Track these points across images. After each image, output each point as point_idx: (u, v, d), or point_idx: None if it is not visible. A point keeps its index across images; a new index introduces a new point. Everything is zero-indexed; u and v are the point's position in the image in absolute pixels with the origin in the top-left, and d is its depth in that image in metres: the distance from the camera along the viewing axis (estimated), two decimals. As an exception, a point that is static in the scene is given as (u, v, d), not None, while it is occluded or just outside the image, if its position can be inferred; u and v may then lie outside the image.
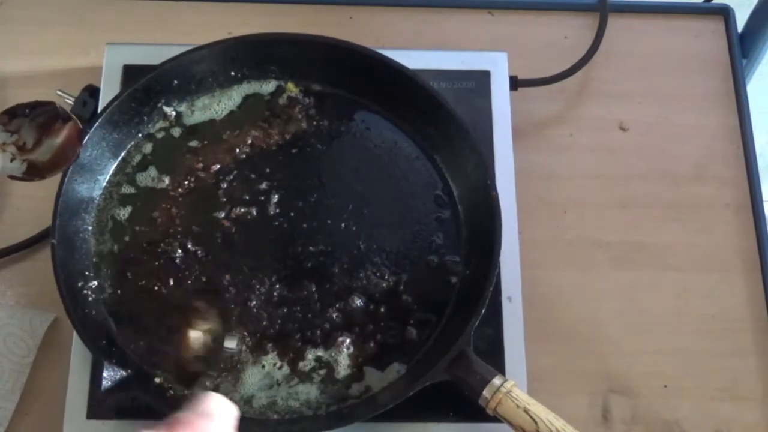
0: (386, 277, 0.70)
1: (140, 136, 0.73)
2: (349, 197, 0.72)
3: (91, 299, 0.67)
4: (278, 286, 0.69)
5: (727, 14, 0.85)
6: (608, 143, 0.79)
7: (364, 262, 0.70)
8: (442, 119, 0.71)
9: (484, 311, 0.64)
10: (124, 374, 0.64)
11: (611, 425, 0.69)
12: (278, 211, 0.71)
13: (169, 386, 0.65)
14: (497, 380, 0.61)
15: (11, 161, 0.61)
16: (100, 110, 0.70)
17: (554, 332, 0.72)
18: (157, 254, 0.69)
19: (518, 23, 0.84)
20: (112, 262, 0.69)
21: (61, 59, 0.80)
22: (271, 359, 0.67)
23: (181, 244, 0.70)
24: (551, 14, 0.85)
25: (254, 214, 0.71)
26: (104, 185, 0.71)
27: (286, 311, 0.68)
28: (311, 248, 0.70)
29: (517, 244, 0.71)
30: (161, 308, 0.68)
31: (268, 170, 0.73)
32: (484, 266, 0.66)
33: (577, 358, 0.71)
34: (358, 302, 0.68)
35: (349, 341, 0.67)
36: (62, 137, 0.62)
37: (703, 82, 0.82)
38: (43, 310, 0.70)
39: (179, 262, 0.69)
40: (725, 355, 0.72)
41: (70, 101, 0.76)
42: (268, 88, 0.76)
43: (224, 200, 0.71)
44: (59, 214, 0.66)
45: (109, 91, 0.74)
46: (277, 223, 0.71)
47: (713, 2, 0.86)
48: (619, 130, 0.80)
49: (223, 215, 0.71)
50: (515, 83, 0.78)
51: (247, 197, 0.72)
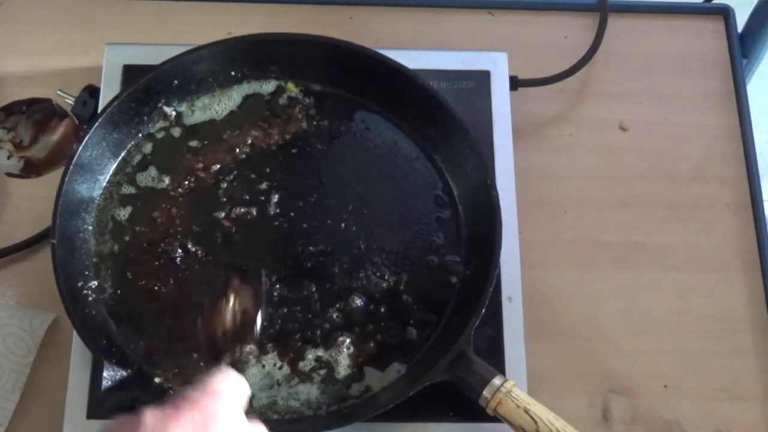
0: (386, 277, 0.69)
1: (140, 136, 0.73)
2: (349, 197, 0.72)
3: (91, 299, 0.67)
4: (278, 286, 0.69)
5: (727, 14, 0.85)
6: (608, 143, 0.79)
7: (364, 262, 0.70)
8: (442, 119, 0.71)
9: (484, 311, 0.64)
10: (124, 374, 0.64)
11: (611, 425, 0.69)
12: (278, 211, 0.71)
13: (169, 386, 0.65)
14: (497, 380, 0.61)
15: (8, 158, 0.61)
16: (100, 110, 0.70)
17: (554, 332, 0.72)
18: (157, 254, 0.69)
19: (518, 23, 0.84)
20: (112, 262, 0.69)
21: (61, 59, 0.80)
22: (271, 359, 0.67)
23: (181, 244, 0.70)
24: (551, 14, 0.85)
25: (254, 214, 0.71)
26: (104, 185, 0.71)
27: (286, 311, 0.68)
28: (311, 248, 0.70)
29: (517, 244, 0.71)
30: (161, 308, 0.68)
31: (268, 170, 0.73)
32: (484, 266, 0.66)
33: (577, 358, 0.71)
34: (358, 302, 0.68)
35: (349, 341, 0.67)
36: (59, 134, 0.62)
37: (703, 82, 0.82)
38: (43, 310, 0.70)
39: (179, 262, 0.69)
40: (725, 355, 0.72)
41: (70, 101, 0.76)
42: (268, 88, 0.75)
43: (224, 200, 0.71)
44: (59, 214, 0.66)
45: (109, 91, 0.74)
46: (277, 223, 0.71)
47: (713, 2, 0.86)
48: (619, 130, 0.80)
49: (223, 215, 0.71)
50: (515, 83, 0.78)
51: (247, 197, 0.72)
